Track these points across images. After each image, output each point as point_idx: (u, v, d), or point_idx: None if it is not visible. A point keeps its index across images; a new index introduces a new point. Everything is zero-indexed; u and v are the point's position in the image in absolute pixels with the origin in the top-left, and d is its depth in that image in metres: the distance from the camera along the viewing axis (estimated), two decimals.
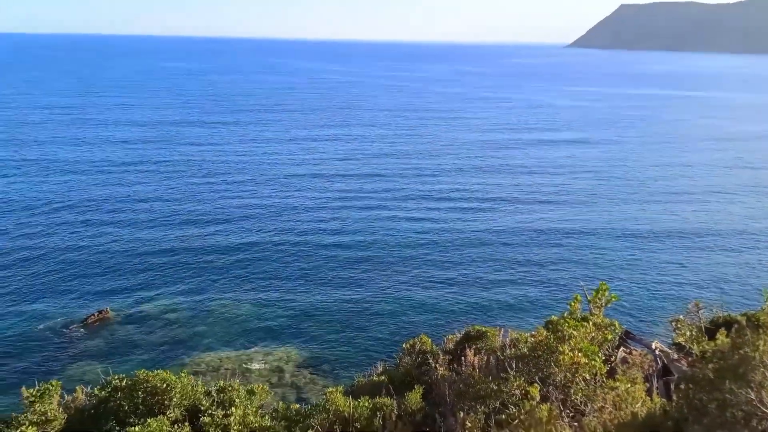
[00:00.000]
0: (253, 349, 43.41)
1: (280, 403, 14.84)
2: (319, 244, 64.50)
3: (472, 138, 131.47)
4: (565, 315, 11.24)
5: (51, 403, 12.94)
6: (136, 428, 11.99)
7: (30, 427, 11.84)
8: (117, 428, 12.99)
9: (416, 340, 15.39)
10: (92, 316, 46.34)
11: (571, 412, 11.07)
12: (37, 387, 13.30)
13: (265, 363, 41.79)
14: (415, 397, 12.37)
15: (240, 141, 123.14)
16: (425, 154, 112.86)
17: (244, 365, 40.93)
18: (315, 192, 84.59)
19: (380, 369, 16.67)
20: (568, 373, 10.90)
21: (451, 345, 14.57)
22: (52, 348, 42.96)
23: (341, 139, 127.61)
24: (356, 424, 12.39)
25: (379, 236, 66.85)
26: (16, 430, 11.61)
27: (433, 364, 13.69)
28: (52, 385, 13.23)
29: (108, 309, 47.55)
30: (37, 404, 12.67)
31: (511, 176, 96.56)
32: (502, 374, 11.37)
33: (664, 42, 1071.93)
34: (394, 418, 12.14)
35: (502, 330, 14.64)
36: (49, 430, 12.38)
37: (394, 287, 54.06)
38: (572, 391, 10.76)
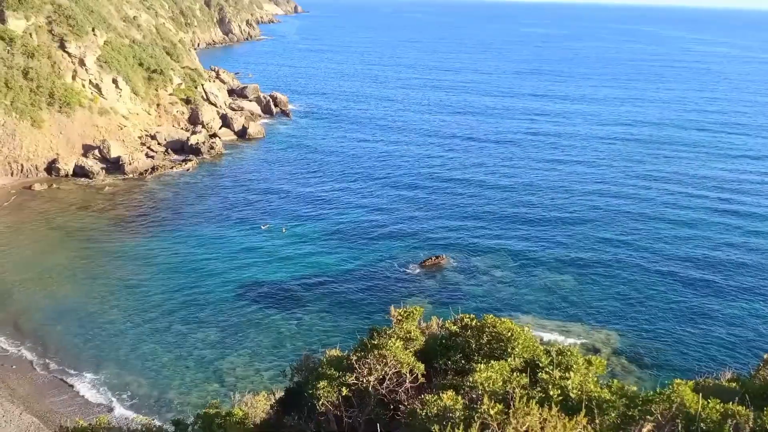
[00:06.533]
0: (572, 323, 43.25)
1: (614, 380, 14.64)
2: (673, 234, 59.63)
3: None
4: None
5: (414, 324, 14.95)
6: (481, 365, 13.08)
7: (398, 340, 13.86)
8: (462, 362, 14.37)
9: None
10: (429, 260, 51.36)
11: None
12: (403, 308, 15.44)
13: (581, 340, 41.35)
14: None
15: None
16: None
17: (561, 336, 41.10)
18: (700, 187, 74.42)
19: (729, 375, 15.18)
20: None
21: None
22: (395, 280, 49.03)
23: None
24: (701, 425, 11.62)
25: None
26: (389, 339, 13.74)
27: None
28: (416, 310, 15.21)
29: (444, 255, 52.11)
30: (404, 323, 14.75)
31: None
32: None
33: None
34: (748, 431, 11.05)
35: None
36: (410, 347, 14.33)
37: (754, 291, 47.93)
38: None
